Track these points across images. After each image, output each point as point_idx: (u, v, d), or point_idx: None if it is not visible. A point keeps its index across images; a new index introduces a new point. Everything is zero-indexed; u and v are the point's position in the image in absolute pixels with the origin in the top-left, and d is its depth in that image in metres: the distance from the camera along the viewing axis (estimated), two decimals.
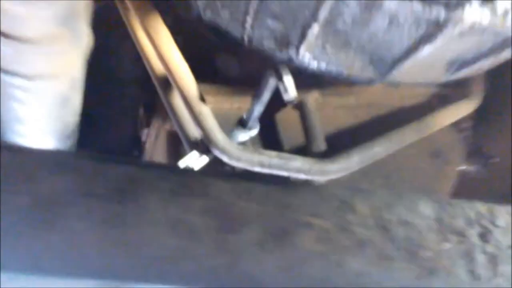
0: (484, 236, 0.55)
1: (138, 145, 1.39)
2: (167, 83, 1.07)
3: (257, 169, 1.07)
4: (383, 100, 1.36)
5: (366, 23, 0.93)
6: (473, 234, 0.55)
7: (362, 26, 0.94)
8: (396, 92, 1.37)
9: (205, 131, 1.03)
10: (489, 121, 1.49)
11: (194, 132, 1.08)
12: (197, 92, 1.04)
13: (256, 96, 1.07)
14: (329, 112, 1.34)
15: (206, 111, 1.03)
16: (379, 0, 0.85)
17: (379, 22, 0.91)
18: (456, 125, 1.39)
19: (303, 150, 1.24)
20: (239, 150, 1.05)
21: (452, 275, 0.51)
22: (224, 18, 1.03)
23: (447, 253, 0.53)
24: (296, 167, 1.08)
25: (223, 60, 1.22)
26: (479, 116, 1.46)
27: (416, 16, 0.88)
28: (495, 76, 1.38)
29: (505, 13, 0.73)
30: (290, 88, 0.97)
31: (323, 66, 1.03)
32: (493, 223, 0.56)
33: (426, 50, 0.92)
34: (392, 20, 0.90)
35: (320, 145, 1.18)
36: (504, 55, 0.98)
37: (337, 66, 1.03)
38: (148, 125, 1.32)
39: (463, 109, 1.29)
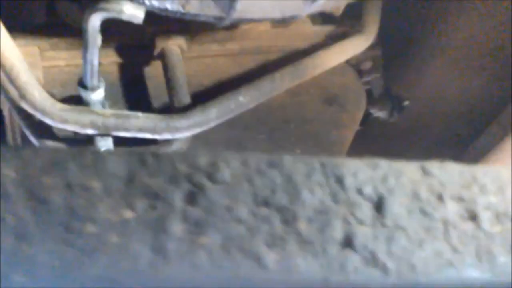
0: (193, 197, 0.40)
1: None
2: None
3: (90, 131, 0.92)
4: (270, 43, 1.20)
5: None
6: (176, 195, 0.40)
7: None
8: (284, 34, 1.21)
9: (19, 89, 0.87)
10: (399, 63, 1.34)
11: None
12: (10, 46, 0.88)
13: (84, 46, 0.90)
14: (209, 62, 1.17)
15: (19, 65, 0.87)
16: None
17: None
18: (355, 68, 1.23)
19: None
20: (64, 110, 0.90)
21: (123, 253, 0.36)
22: None
23: (126, 226, 0.38)
24: (137, 126, 0.93)
25: (63, 7, 1.05)
26: (388, 58, 1.30)
27: None
28: (401, 18, 1.23)
29: None
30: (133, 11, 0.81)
31: (156, 4, 0.87)
32: (211, 178, 0.41)
33: None
34: None
35: (183, 98, 1.02)
36: None
37: (171, 3, 0.87)
38: None
39: (354, 45, 1.12)
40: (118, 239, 0.36)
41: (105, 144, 0.92)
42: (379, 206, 0.42)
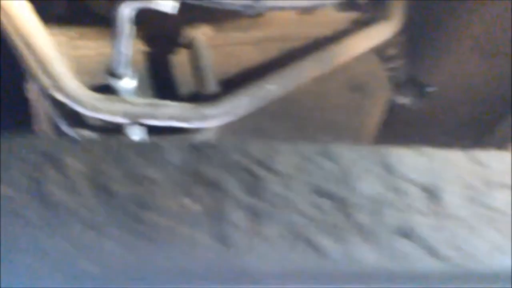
0: (251, 187, 0.41)
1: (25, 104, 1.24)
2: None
3: (122, 120, 0.93)
4: (294, 31, 1.20)
5: None
6: (233, 184, 0.41)
7: None
8: (309, 21, 1.21)
9: (52, 79, 0.88)
10: (425, 50, 1.33)
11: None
12: (43, 35, 0.89)
13: (114, 35, 0.91)
14: (233, 50, 1.17)
15: (53, 55, 0.88)
16: None
17: None
18: (380, 54, 1.23)
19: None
20: (97, 99, 0.91)
21: (188, 242, 0.37)
22: None
23: (185, 214, 0.39)
24: (168, 115, 0.94)
25: None
26: (413, 45, 1.30)
27: None
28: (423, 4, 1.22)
29: None
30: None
31: None
32: (267, 167, 0.42)
33: None
34: None
35: (211, 87, 1.02)
36: None
37: None
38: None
39: (380, 32, 1.12)
40: (183, 229, 0.37)
41: (137, 133, 0.93)
42: (432, 195, 0.43)
